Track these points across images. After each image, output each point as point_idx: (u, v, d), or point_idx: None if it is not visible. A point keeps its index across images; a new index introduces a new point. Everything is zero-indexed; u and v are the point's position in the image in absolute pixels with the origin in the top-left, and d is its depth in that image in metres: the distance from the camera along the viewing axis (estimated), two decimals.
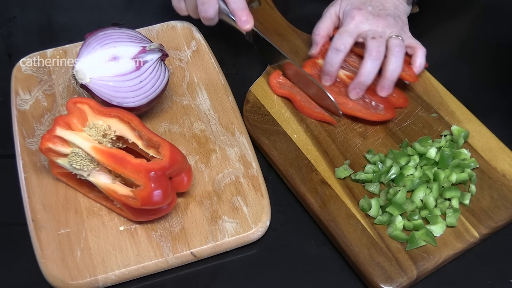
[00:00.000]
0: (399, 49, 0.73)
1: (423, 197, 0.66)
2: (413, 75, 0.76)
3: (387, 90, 0.75)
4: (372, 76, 0.73)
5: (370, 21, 0.75)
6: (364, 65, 0.73)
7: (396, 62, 0.73)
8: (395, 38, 0.74)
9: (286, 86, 0.77)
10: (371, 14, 0.76)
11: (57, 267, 0.61)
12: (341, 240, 0.64)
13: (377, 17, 0.75)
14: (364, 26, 0.75)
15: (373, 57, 0.73)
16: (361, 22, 0.75)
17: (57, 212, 0.65)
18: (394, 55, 0.73)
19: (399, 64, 0.74)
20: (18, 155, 0.70)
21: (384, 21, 0.75)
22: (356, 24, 0.75)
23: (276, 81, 0.77)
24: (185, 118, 0.74)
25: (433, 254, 0.63)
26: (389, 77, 0.74)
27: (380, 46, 0.73)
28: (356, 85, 0.74)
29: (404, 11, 0.80)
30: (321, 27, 0.80)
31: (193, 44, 0.82)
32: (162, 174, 0.61)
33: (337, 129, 0.74)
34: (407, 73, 0.76)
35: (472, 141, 0.72)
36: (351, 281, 0.64)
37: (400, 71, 0.74)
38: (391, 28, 0.75)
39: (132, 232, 0.64)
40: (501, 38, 0.88)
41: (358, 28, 0.75)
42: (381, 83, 0.75)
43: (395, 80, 0.75)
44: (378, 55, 0.73)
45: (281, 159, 0.70)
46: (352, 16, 0.76)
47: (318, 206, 0.66)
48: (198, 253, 0.63)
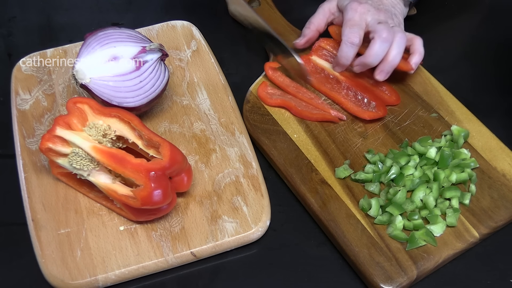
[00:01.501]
0: (401, 36, 0.74)
1: (423, 197, 0.66)
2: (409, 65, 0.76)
3: (385, 74, 0.75)
4: (378, 58, 0.74)
5: (372, 12, 0.75)
6: (373, 46, 0.73)
7: (398, 48, 0.74)
8: (398, 28, 0.75)
9: (276, 95, 0.76)
10: (371, 6, 0.76)
11: (57, 267, 0.61)
12: (341, 240, 0.64)
13: (377, 9, 0.76)
14: (367, 17, 0.75)
15: (383, 38, 0.73)
16: (364, 14, 0.75)
17: (57, 212, 0.65)
18: (396, 42, 0.73)
19: (400, 50, 0.74)
20: (18, 155, 0.70)
21: (385, 14, 0.76)
22: (361, 15, 0.75)
23: (265, 92, 0.76)
24: (185, 118, 0.74)
25: (433, 254, 0.63)
26: (391, 61, 0.74)
27: (389, 30, 0.73)
28: (360, 63, 0.75)
29: (401, 11, 0.81)
30: (312, 22, 0.81)
31: (193, 44, 0.82)
32: (162, 174, 0.61)
33: (337, 129, 0.74)
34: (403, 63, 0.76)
35: (472, 141, 0.72)
36: (351, 281, 0.64)
37: (400, 58, 0.74)
38: (391, 20, 0.76)
39: (132, 232, 0.64)
40: (501, 38, 0.88)
41: (364, 19, 0.75)
42: (381, 66, 0.75)
43: (395, 66, 0.75)
44: (389, 36, 0.73)
45: (281, 159, 0.70)
46: (354, 8, 0.76)
47: (318, 206, 0.66)
48: (198, 253, 0.63)
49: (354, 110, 0.75)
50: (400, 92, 0.77)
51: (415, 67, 0.76)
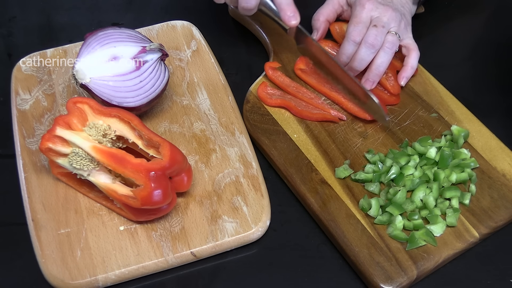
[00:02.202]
0: (390, 46, 0.74)
1: (423, 197, 0.66)
2: (395, 87, 0.76)
3: (370, 83, 0.75)
4: (364, 63, 0.74)
5: (380, 9, 0.75)
6: (358, 51, 0.74)
7: (384, 56, 0.74)
8: (392, 35, 0.74)
9: (276, 95, 0.76)
10: (380, 3, 0.76)
11: (57, 267, 0.61)
12: (341, 240, 0.64)
13: (386, 6, 0.75)
14: (374, 13, 0.75)
15: (368, 44, 0.73)
16: (371, 10, 0.75)
17: (57, 212, 0.65)
18: (383, 50, 0.74)
19: (386, 59, 0.74)
20: (18, 155, 0.70)
21: (392, 13, 0.75)
22: (367, 13, 0.75)
23: (265, 92, 0.76)
24: (185, 118, 0.74)
25: (433, 254, 0.63)
26: (374, 70, 0.74)
27: (378, 35, 0.73)
28: (348, 67, 0.75)
29: (409, 10, 0.80)
30: (321, 12, 0.80)
31: (193, 44, 0.82)
32: (162, 174, 0.61)
33: (337, 129, 0.74)
34: (390, 84, 0.76)
35: (472, 141, 0.72)
36: (351, 281, 0.64)
37: (386, 66, 0.74)
38: (395, 23, 0.75)
39: (132, 232, 0.64)
40: (501, 38, 0.88)
41: (369, 16, 0.75)
42: (366, 75, 0.75)
43: (380, 75, 0.75)
44: (374, 42, 0.73)
45: (281, 159, 0.70)
46: (362, 4, 0.75)
47: (318, 206, 0.66)
48: (198, 253, 0.63)
49: (354, 110, 0.75)
50: (400, 92, 0.77)
51: (403, 82, 0.76)
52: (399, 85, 0.76)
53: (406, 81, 0.77)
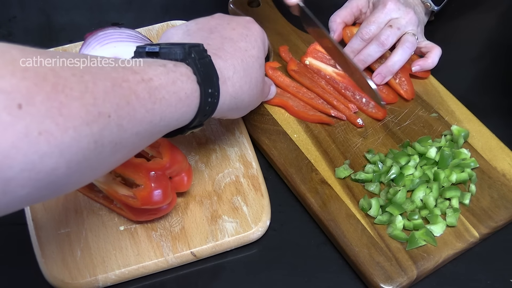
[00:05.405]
0: (410, 45, 0.74)
1: (423, 197, 0.66)
2: (409, 92, 0.76)
3: (381, 78, 0.75)
4: (370, 59, 0.75)
5: (402, 11, 0.76)
6: (367, 46, 0.74)
7: (402, 55, 0.74)
8: (411, 35, 0.75)
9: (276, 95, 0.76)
10: (403, 5, 0.76)
11: (57, 267, 0.61)
12: (341, 240, 0.64)
13: (408, 8, 0.76)
14: (394, 14, 0.76)
15: (378, 42, 0.74)
16: (392, 11, 0.75)
17: (57, 212, 0.65)
18: (402, 48, 0.74)
19: (403, 58, 0.74)
20: None
21: (413, 16, 0.76)
22: (386, 13, 0.75)
23: None
24: None
25: (433, 254, 0.63)
26: (389, 66, 0.75)
27: (391, 36, 0.74)
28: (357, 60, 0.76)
29: (423, 20, 0.82)
30: (338, 14, 0.81)
31: None
32: (162, 174, 0.61)
33: (337, 129, 0.74)
34: (403, 89, 0.76)
35: (472, 141, 0.72)
36: (351, 281, 0.64)
37: (401, 65, 0.75)
38: (413, 26, 0.76)
39: (132, 232, 0.64)
40: (501, 38, 0.88)
41: (387, 17, 0.75)
42: (379, 68, 0.75)
43: (393, 73, 0.75)
44: (385, 42, 0.73)
45: (281, 159, 0.70)
46: (384, 3, 0.76)
47: (318, 206, 0.66)
48: (198, 253, 0.63)
49: (346, 113, 0.74)
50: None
51: (414, 69, 0.77)
52: (413, 90, 0.77)
53: (418, 69, 0.77)
